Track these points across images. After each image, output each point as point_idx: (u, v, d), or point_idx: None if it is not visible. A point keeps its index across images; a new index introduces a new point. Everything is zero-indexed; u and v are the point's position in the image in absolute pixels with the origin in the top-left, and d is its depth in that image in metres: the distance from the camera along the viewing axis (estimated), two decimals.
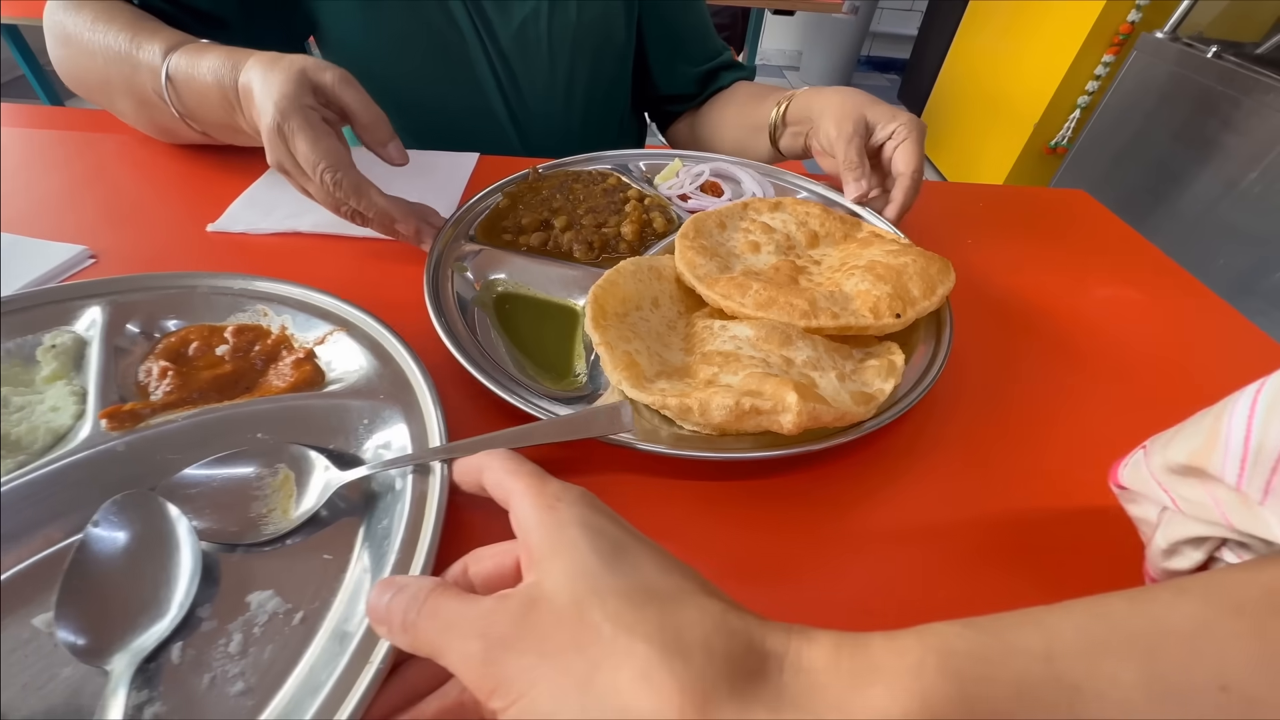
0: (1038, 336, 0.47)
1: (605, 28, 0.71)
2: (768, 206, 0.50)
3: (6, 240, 0.45)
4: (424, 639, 0.20)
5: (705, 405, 0.32)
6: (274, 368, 0.36)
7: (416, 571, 0.26)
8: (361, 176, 0.42)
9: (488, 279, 0.44)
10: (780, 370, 0.35)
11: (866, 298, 0.39)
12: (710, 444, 0.33)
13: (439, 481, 0.29)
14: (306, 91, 0.41)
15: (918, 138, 0.51)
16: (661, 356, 0.38)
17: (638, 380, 0.34)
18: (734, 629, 0.18)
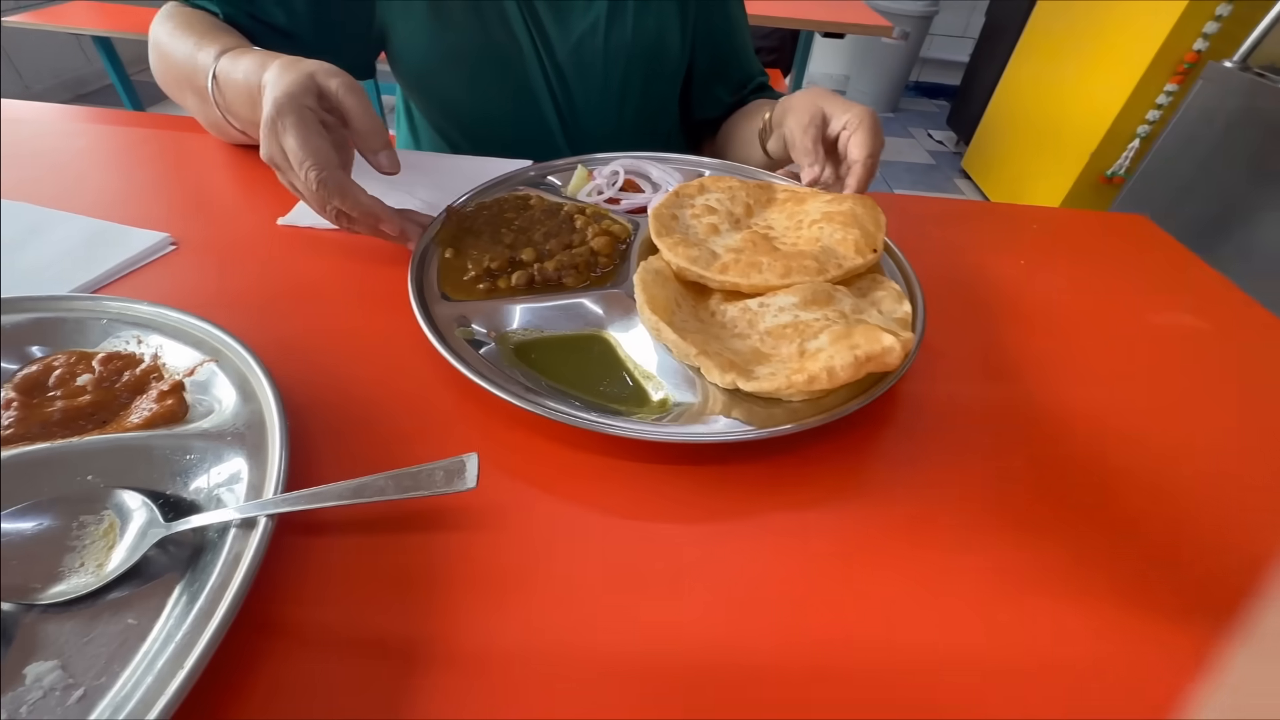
0: (1093, 362, 0.46)
1: (660, 47, 0.73)
2: (695, 190, 0.51)
3: (96, 225, 0.48)
4: None
5: (831, 371, 0.33)
6: (138, 400, 0.33)
7: (200, 649, 0.22)
8: (346, 178, 0.43)
9: (502, 332, 0.41)
10: (842, 321, 0.38)
11: (845, 244, 0.44)
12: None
13: (258, 539, 0.25)
14: (309, 93, 0.42)
15: (870, 125, 0.52)
16: (731, 348, 0.39)
17: (746, 375, 0.35)
18: None
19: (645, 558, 0.30)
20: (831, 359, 0.34)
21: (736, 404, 0.35)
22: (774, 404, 0.36)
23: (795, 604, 0.28)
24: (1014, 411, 0.40)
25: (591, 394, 0.37)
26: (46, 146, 0.60)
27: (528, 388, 0.36)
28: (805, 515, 0.32)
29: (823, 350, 0.35)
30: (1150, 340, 0.49)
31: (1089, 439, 0.39)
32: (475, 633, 0.26)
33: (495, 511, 0.31)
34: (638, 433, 0.33)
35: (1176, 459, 0.38)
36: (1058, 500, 0.34)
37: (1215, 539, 0.33)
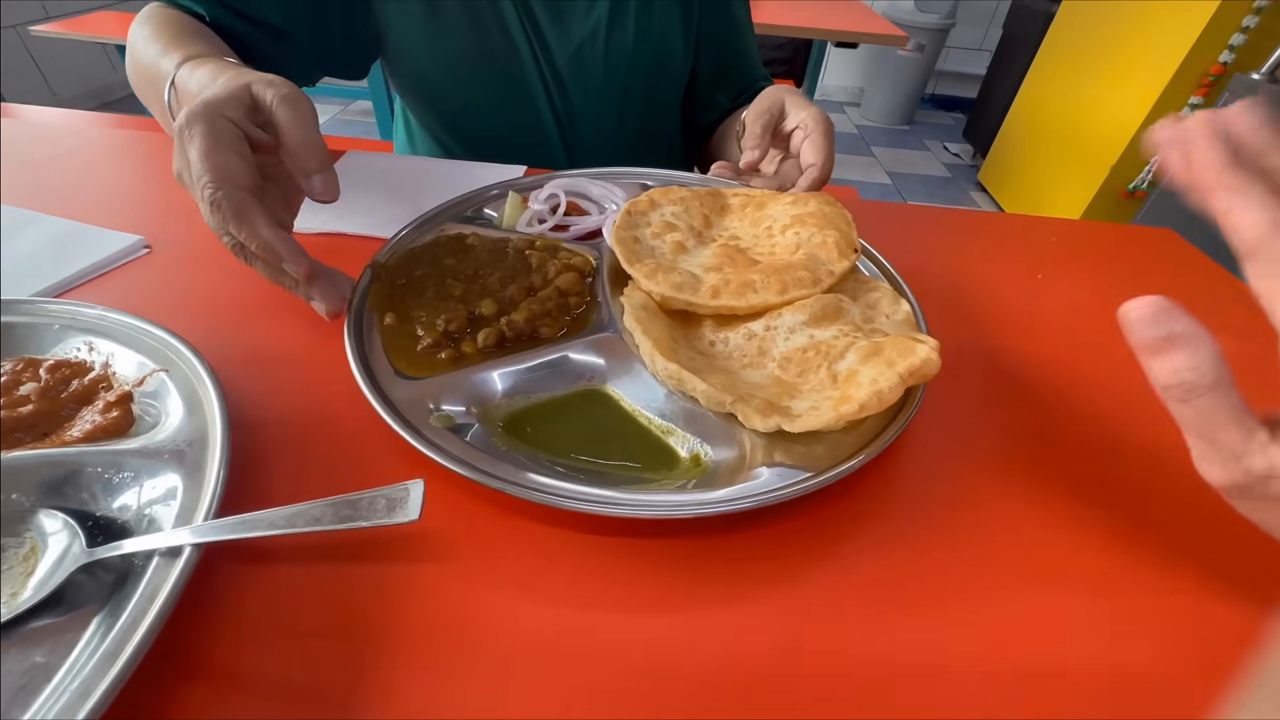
0: (1122, 381, 0.42)
1: (663, 52, 0.71)
2: (646, 205, 0.47)
3: (70, 226, 0.47)
4: None
5: (880, 395, 0.31)
6: (84, 410, 0.31)
7: (97, 697, 0.20)
8: (251, 203, 0.35)
9: (483, 408, 0.34)
10: (858, 334, 0.36)
11: (827, 247, 0.41)
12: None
13: (180, 571, 0.23)
14: (235, 104, 0.36)
15: (824, 131, 0.52)
16: (748, 381, 0.36)
17: (786, 414, 0.32)
18: None
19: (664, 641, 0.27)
20: (876, 382, 0.31)
21: (776, 446, 0.32)
22: (814, 439, 0.32)
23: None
24: (1039, 432, 0.37)
25: (609, 458, 0.32)
26: (33, 149, 0.59)
27: (534, 466, 0.30)
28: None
29: (857, 371, 0.33)
30: None
31: (1125, 463, 0.35)
32: (423, 682, 0.23)
33: (447, 542, 0.28)
34: (690, 507, 0.28)
35: None
36: (1105, 547, 0.31)
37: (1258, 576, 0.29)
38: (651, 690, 0.24)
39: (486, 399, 0.35)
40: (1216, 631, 0.28)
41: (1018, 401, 0.40)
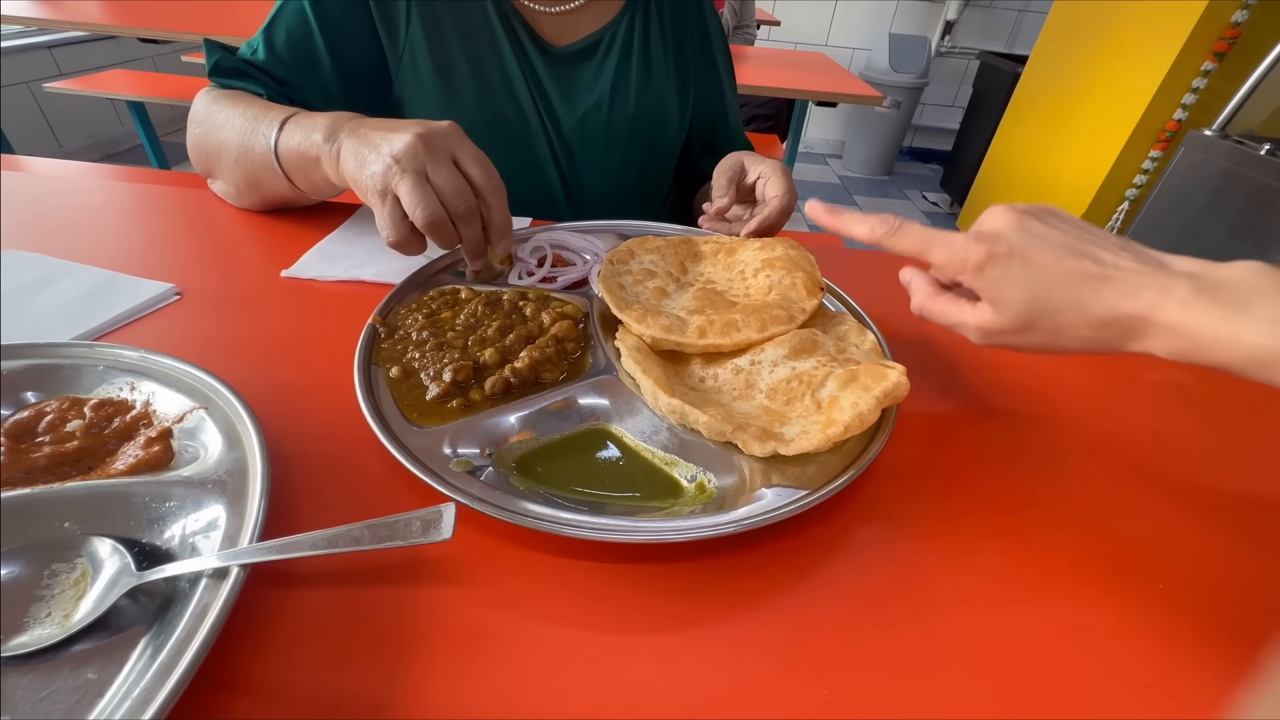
0: (1061, 425, 0.45)
1: (660, 123, 0.78)
2: (626, 255, 0.52)
3: (104, 275, 0.50)
4: None
5: (861, 416, 0.35)
6: (126, 446, 0.34)
7: (156, 706, 0.21)
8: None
9: (495, 451, 0.36)
10: (834, 363, 0.40)
11: (796, 288, 0.46)
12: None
13: (228, 590, 0.25)
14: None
15: (782, 172, 0.60)
16: (740, 411, 0.39)
17: (780, 440, 0.35)
18: None
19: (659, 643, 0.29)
20: (856, 404, 0.35)
21: (773, 469, 0.35)
22: (805, 461, 0.35)
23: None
24: (1000, 447, 0.40)
25: (619, 491, 0.35)
26: (65, 202, 0.62)
27: (549, 502, 0.32)
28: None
29: (838, 397, 0.37)
30: (1142, 397, 0.49)
31: (1081, 476, 0.38)
32: (445, 699, 0.25)
33: (468, 571, 0.30)
34: (702, 529, 0.31)
35: (1197, 523, 0.37)
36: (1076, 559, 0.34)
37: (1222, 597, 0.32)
38: (654, 702, 0.26)
39: (498, 442, 0.37)
40: (1191, 635, 0.30)
41: (978, 422, 0.44)
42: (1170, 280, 0.30)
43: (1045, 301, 0.32)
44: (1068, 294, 0.32)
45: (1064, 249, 0.32)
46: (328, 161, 0.50)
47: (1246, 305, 0.28)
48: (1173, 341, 0.30)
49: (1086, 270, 0.31)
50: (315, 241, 0.59)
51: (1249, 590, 0.33)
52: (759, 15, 2.87)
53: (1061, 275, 0.32)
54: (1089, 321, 0.31)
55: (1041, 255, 0.32)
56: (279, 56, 0.63)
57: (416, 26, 0.67)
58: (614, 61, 0.74)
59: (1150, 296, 0.30)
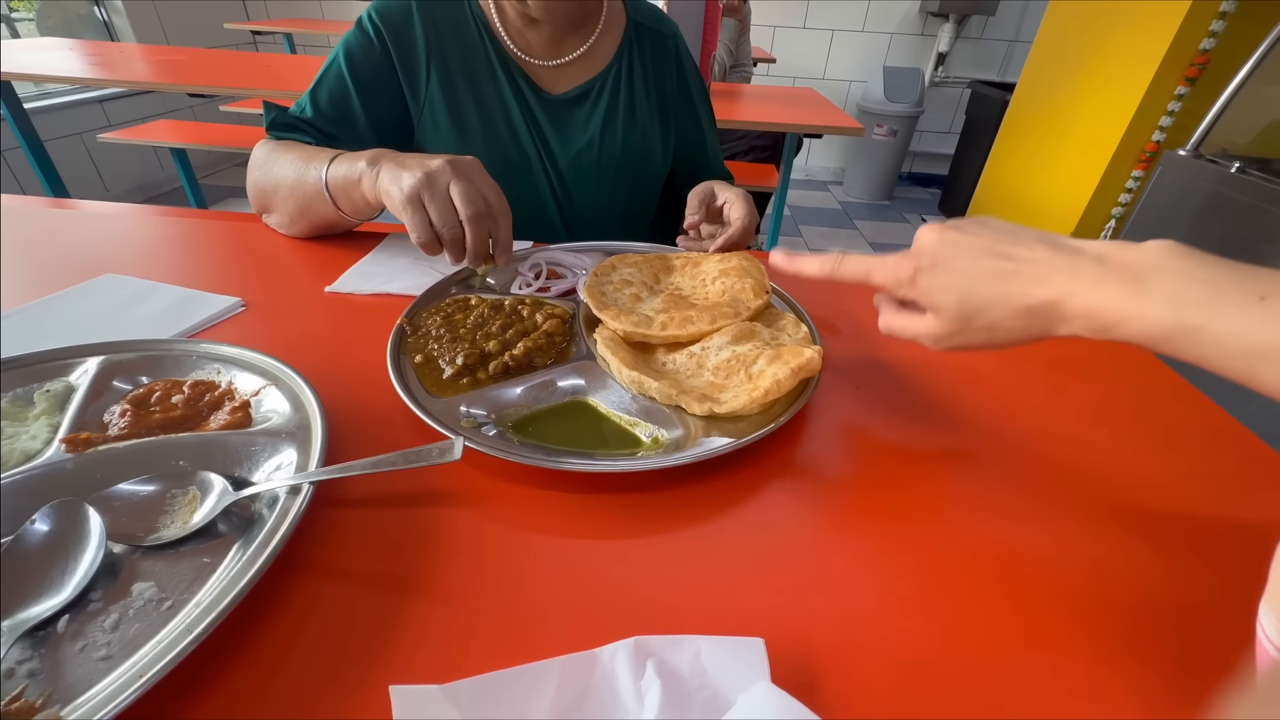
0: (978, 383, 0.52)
1: (645, 159, 0.90)
2: (609, 269, 0.62)
3: (184, 292, 0.61)
4: None
5: (779, 382, 0.44)
6: (215, 414, 0.44)
7: (258, 565, 0.31)
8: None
9: (498, 414, 0.46)
10: (767, 347, 0.50)
11: (745, 291, 0.57)
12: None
13: (302, 499, 0.35)
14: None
15: (743, 200, 0.71)
16: (692, 386, 0.48)
17: (716, 402, 0.45)
18: None
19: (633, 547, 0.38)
20: (776, 374, 0.44)
21: (713, 426, 0.44)
22: (740, 419, 0.45)
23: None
24: (911, 419, 0.49)
25: (592, 447, 0.44)
26: (140, 235, 0.75)
27: (539, 449, 0.42)
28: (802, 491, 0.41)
29: (764, 371, 0.46)
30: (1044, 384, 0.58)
31: (976, 444, 0.47)
32: (456, 580, 0.35)
33: (479, 495, 0.40)
34: (643, 464, 0.41)
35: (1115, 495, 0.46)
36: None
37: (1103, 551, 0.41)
38: (611, 589, 0.35)
39: (499, 409, 0.47)
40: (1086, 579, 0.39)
41: (895, 403, 0.53)
42: (1078, 264, 0.32)
43: (972, 301, 0.35)
44: (990, 291, 0.34)
45: (980, 252, 0.35)
46: (367, 181, 0.62)
47: (1147, 283, 0.29)
48: (1088, 322, 0.31)
49: (1001, 268, 0.34)
50: (352, 263, 0.70)
51: (1150, 589, 0.37)
52: (755, 53, 3.04)
53: (980, 275, 0.35)
54: (1014, 313, 0.34)
55: (960, 260, 0.35)
56: (323, 113, 0.76)
57: (435, 84, 0.79)
58: (603, 106, 0.86)
59: (1061, 283, 0.32)
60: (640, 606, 0.34)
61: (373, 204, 0.65)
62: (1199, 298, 0.27)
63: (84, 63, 1.85)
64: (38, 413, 0.42)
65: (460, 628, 0.32)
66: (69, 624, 0.31)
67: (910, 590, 0.36)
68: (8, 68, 1.68)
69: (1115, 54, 2.26)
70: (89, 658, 0.29)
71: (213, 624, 0.28)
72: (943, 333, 0.37)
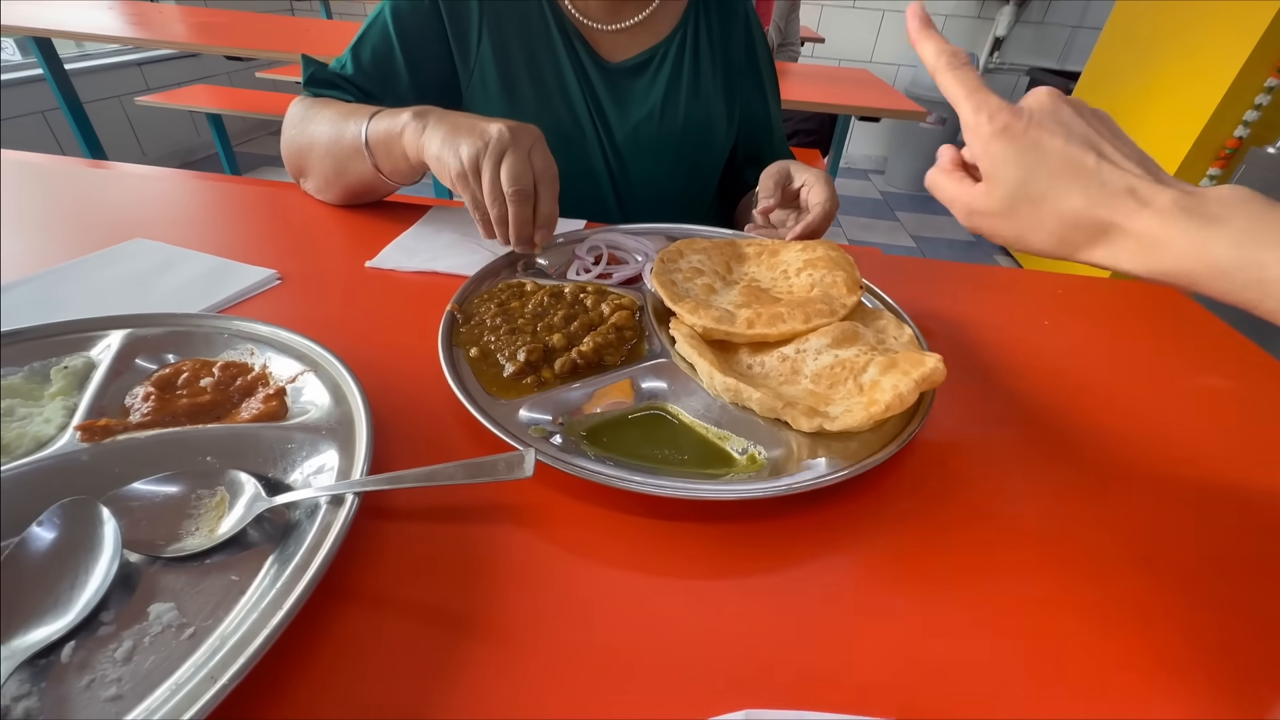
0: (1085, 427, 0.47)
1: (708, 134, 0.83)
2: (675, 255, 0.56)
3: (217, 261, 0.57)
4: None
5: (901, 396, 0.38)
6: (247, 401, 0.39)
7: (295, 596, 0.26)
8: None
9: (567, 421, 0.40)
10: (874, 352, 0.43)
11: (837, 285, 0.49)
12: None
13: (345, 511, 0.30)
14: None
15: (824, 182, 0.64)
16: (787, 394, 0.42)
17: (826, 417, 0.38)
18: None
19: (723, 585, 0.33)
20: (896, 386, 0.38)
21: (818, 443, 0.38)
22: (848, 438, 0.39)
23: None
24: (1032, 440, 0.42)
25: (677, 464, 0.38)
26: (175, 199, 0.70)
27: (616, 465, 0.36)
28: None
29: (879, 381, 0.40)
30: (1180, 403, 0.50)
31: (1107, 473, 0.40)
32: (514, 617, 0.29)
33: (545, 515, 0.35)
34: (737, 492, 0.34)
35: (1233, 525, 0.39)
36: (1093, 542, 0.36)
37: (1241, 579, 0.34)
38: (687, 638, 0.29)
39: (568, 414, 0.41)
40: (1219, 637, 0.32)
41: (1011, 415, 0.46)
42: (1157, 192, 0.30)
43: (1033, 185, 0.32)
44: (1056, 182, 0.32)
45: (1077, 138, 0.32)
46: (410, 135, 0.56)
47: (1222, 220, 0.28)
48: (1137, 250, 0.30)
49: (1084, 163, 0.31)
50: (393, 236, 0.65)
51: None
52: (803, 33, 2.91)
53: (1060, 161, 0.32)
54: (1061, 215, 0.32)
55: (1052, 139, 0.32)
56: (365, 70, 0.71)
57: (486, 46, 0.73)
58: (665, 76, 0.79)
59: (1128, 204, 0.30)
60: (741, 663, 0.28)
61: (413, 163, 0.59)
62: (1269, 237, 0.27)
63: (123, 22, 1.82)
64: (54, 391, 0.37)
65: (526, 676, 0.27)
66: (75, 651, 0.26)
67: (1080, 657, 0.30)
68: (47, 24, 1.65)
69: (1196, 45, 2.10)
70: (95, 696, 0.25)
71: (241, 673, 0.23)
72: (985, 209, 0.34)
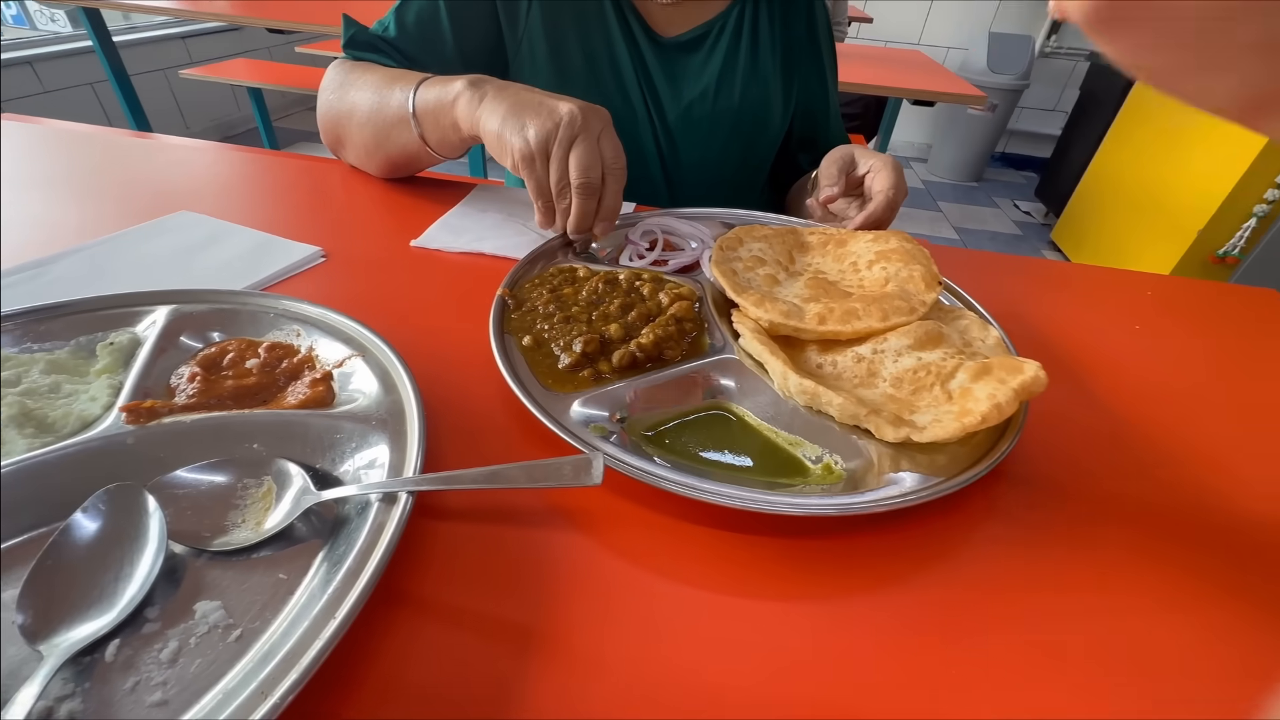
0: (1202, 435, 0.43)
1: (763, 115, 0.78)
2: (735, 243, 0.52)
3: (261, 237, 0.55)
4: None
5: (999, 407, 0.34)
6: (293, 385, 0.37)
7: (349, 605, 0.24)
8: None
9: (626, 419, 0.38)
10: (961, 356, 0.39)
11: (914, 280, 0.46)
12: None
13: (399, 511, 0.28)
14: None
15: (891, 167, 0.59)
16: (864, 398, 0.38)
17: (913, 426, 0.34)
18: None
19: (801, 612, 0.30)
20: (994, 396, 0.34)
21: (901, 454, 0.35)
22: (934, 450, 0.35)
23: None
24: (1134, 464, 0.38)
25: (746, 470, 0.35)
26: (219, 172, 0.69)
27: (679, 469, 0.33)
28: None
29: (970, 389, 0.36)
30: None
31: (1216, 512, 0.36)
32: (580, 636, 0.27)
33: (608, 522, 0.32)
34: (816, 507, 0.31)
35: None
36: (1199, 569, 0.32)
37: None
38: (767, 666, 0.27)
39: (628, 412, 0.38)
40: None
41: (1110, 429, 0.42)
42: None
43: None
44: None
45: None
46: (464, 106, 0.53)
47: None
48: None
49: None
50: (437, 215, 0.63)
51: None
52: (851, 12, 2.80)
53: None
54: (1259, 43, 0.17)
55: None
56: (408, 34, 0.68)
57: (536, 15, 0.70)
58: (722, 52, 0.74)
59: None
60: (825, 697, 0.26)
61: (465, 136, 0.56)
62: None
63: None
64: (100, 368, 0.36)
65: (590, 700, 0.25)
66: (119, 650, 0.25)
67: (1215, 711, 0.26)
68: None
69: None
70: (140, 701, 0.23)
71: (294, 689, 0.21)
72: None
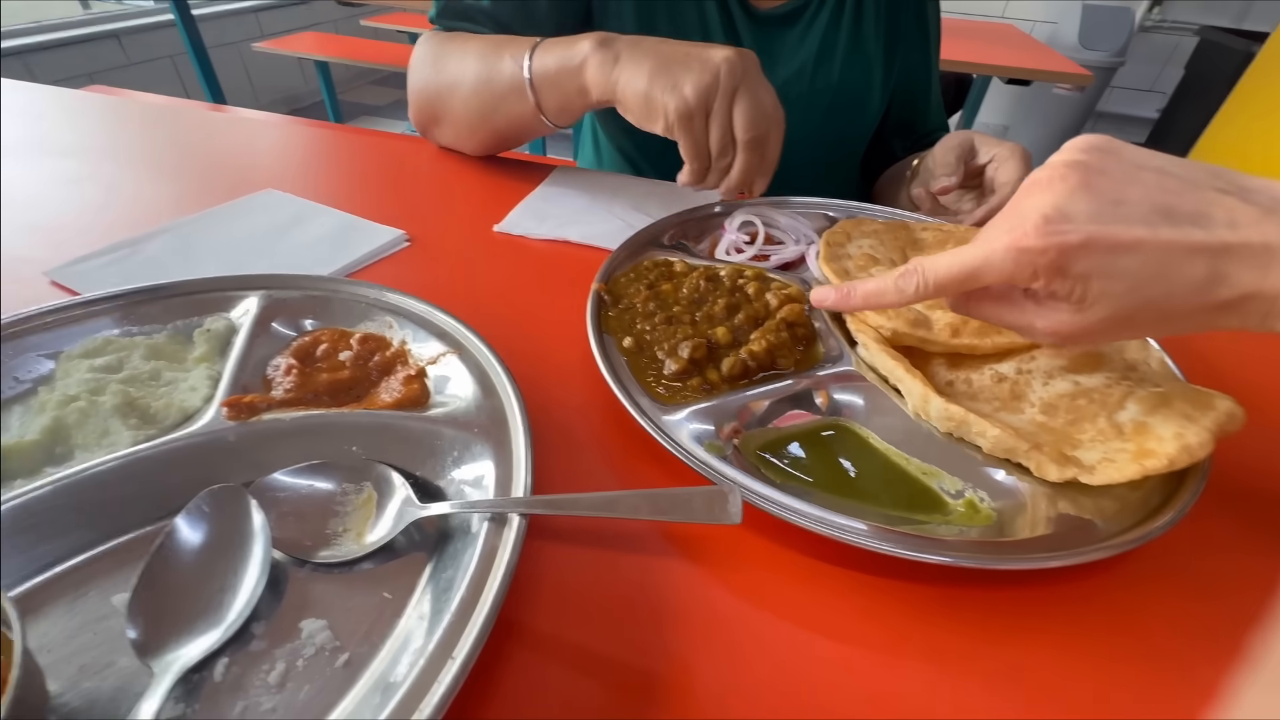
0: None
1: (863, 94, 0.73)
2: (843, 238, 0.48)
3: (346, 218, 0.54)
4: None
5: (1190, 450, 0.29)
6: (386, 380, 0.36)
7: (469, 645, 0.22)
8: None
9: (742, 438, 0.34)
10: (1128, 382, 0.34)
11: None
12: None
13: (513, 536, 0.25)
14: None
15: (1020, 158, 0.53)
16: (1019, 427, 0.33)
17: (1082, 467, 0.30)
18: None
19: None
20: (1182, 435, 0.29)
21: (1061, 496, 0.30)
22: (1101, 493, 0.30)
23: None
24: None
25: (875, 503, 0.31)
26: (297, 149, 0.69)
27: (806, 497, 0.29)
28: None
29: (1146, 424, 0.31)
30: None
31: None
32: (709, 682, 0.24)
33: (731, 555, 0.29)
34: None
35: None
36: None
37: None
38: None
39: (733, 426, 0.34)
40: None
41: None
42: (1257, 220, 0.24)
43: (1147, 291, 0.26)
44: (1176, 276, 0.25)
45: (1153, 212, 0.26)
46: (598, 69, 0.50)
47: None
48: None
49: (1192, 240, 0.25)
50: (519, 197, 0.60)
51: None
52: None
53: (1161, 253, 0.25)
54: (1207, 306, 0.25)
55: (1128, 230, 0.25)
56: (503, 1, 0.63)
57: None
58: (822, 26, 0.69)
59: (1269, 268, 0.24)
60: None
61: (593, 101, 0.52)
62: None
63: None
64: (198, 356, 0.35)
65: None
66: (229, 669, 0.23)
67: None
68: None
69: None
70: None
71: None
72: (1084, 330, 0.28)
